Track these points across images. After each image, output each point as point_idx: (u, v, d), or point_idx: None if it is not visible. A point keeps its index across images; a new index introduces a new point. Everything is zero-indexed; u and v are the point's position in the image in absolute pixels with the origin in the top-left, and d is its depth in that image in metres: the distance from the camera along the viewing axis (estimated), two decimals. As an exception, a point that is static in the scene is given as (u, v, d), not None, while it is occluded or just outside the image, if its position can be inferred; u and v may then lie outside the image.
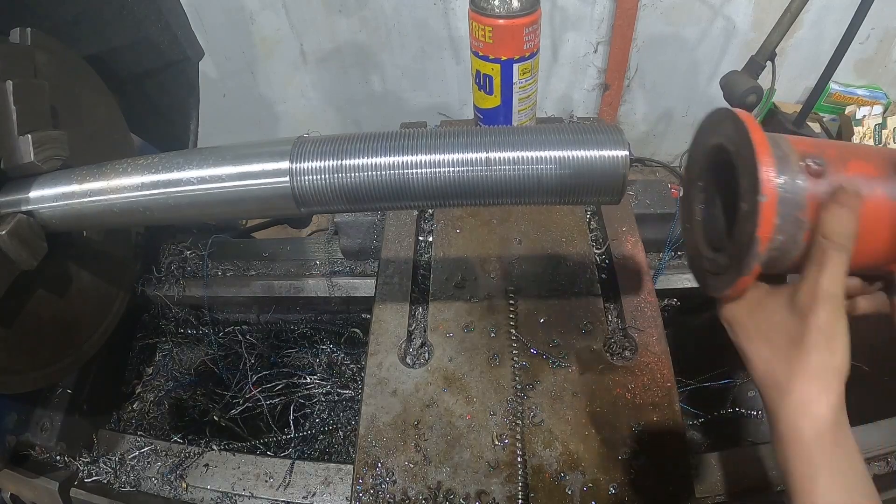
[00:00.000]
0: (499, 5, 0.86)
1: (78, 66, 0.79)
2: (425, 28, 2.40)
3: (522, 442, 0.70)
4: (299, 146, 0.54)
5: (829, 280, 0.48)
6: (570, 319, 0.81)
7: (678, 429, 0.71)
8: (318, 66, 2.56)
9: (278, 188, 0.54)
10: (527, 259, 0.89)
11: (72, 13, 0.81)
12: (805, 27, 2.37)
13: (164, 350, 1.08)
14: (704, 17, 2.37)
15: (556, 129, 0.53)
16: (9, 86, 0.61)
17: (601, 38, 2.46)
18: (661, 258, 1.02)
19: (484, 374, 0.76)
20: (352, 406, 1.01)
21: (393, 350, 0.80)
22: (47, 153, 0.63)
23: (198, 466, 0.82)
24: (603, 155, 0.51)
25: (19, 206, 0.60)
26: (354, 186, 0.53)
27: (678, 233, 0.97)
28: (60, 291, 0.73)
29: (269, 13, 2.36)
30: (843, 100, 2.54)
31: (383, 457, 0.70)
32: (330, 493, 0.77)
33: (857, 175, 0.51)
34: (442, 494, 0.67)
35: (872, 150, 0.55)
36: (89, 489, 0.81)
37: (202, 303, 1.03)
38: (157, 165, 0.56)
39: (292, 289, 1.01)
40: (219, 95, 2.59)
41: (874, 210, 0.51)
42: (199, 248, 1.06)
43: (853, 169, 0.52)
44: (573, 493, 0.67)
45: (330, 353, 1.06)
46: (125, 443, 0.87)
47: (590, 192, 0.53)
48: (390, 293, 0.87)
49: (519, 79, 0.93)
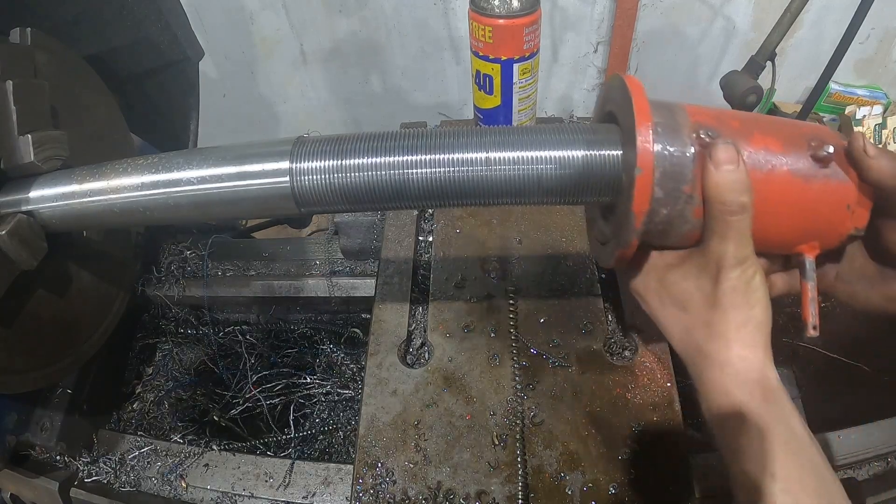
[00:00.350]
0: (499, 5, 0.86)
1: (78, 66, 0.78)
2: (425, 28, 2.40)
3: (522, 442, 0.70)
4: (299, 146, 0.54)
5: (735, 247, 0.46)
6: (570, 319, 0.81)
7: (678, 429, 0.71)
8: (318, 66, 2.56)
9: (278, 188, 0.54)
10: (527, 259, 0.89)
11: (72, 13, 0.81)
12: (805, 27, 2.37)
13: (164, 350, 1.08)
14: (704, 17, 2.37)
15: (556, 129, 0.53)
16: (9, 86, 0.61)
17: (601, 38, 2.46)
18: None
19: (484, 374, 0.76)
20: (352, 406, 1.01)
21: (393, 350, 0.80)
22: (47, 153, 0.63)
23: (198, 466, 0.82)
24: (602, 154, 0.51)
25: (19, 206, 0.60)
26: (354, 186, 0.53)
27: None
28: (60, 291, 0.73)
29: (269, 13, 2.36)
30: (843, 100, 2.54)
31: (383, 457, 0.70)
32: (330, 493, 0.77)
33: (759, 149, 0.48)
34: (442, 494, 0.67)
35: (781, 123, 0.52)
36: (89, 489, 0.81)
37: (202, 303, 1.03)
38: (157, 165, 0.56)
39: (292, 289, 1.01)
40: (219, 95, 2.59)
41: (777, 187, 0.48)
42: (199, 248, 1.06)
43: (756, 143, 0.48)
44: (573, 493, 0.67)
45: (330, 353, 1.06)
46: (125, 443, 0.87)
47: (589, 192, 0.53)
48: (390, 293, 0.87)
49: (519, 79, 0.93)
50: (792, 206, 0.49)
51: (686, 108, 0.50)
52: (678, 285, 0.51)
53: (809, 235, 0.51)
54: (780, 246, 0.53)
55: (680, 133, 0.47)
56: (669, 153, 0.47)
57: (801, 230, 0.51)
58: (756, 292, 0.47)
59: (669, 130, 0.47)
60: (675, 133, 0.47)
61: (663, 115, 0.48)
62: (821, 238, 0.51)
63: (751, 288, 0.47)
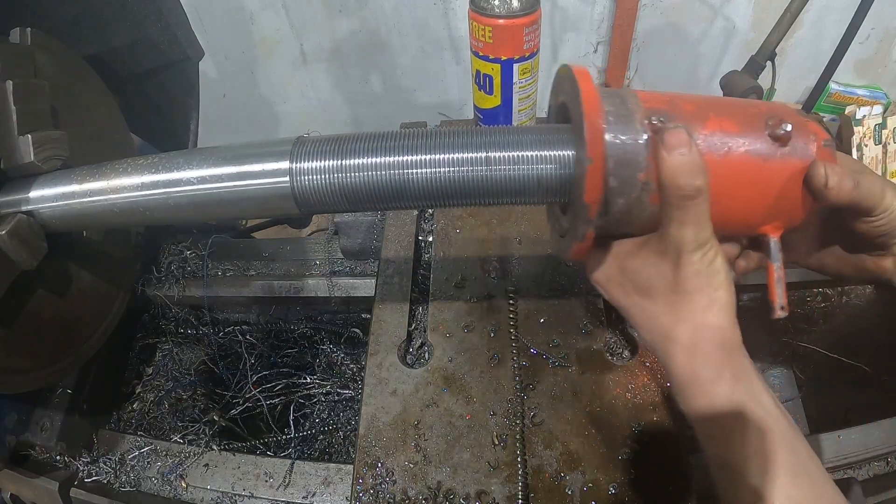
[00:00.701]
0: (499, 5, 0.86)
1: (78, 66, 0.78)
2: (425, 28, 2.40)
3: (522, 442, 0.70)
4: (299, 146, 0.54)
5: (693, 231, 0.46)
6: (570, 319, 0.81)
7: (678, 429, 0.71)
8: (318, 66, 2.56)
9: (278, 188, 0.54)
10: (527, 259, 0.89)
11: (72, 13, 0.81)
12: (805, 27, 2.37)
13: (164, 350, 1.08)
14: (704, 17, 2.37)
15: (555, 129, 0.53)
16: (9, 86, 0.61)
17: (601, 38, 2.45)
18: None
19: (484, 374, 0.76)
20: (352, 406, 1.01)
21: (393, 350, 0.80)
22: (47, 153, 0.63)
23: (198, 466, 0.82)
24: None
25: (19, 206, 0.60)
26: (354, 186, 0.53)
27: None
28: (60, 291, 0.73)
29: (269, 13, 2.36)
30: (843, 100, 2.54)
31: (383, 457, 0.70)
32: (330, 493, 0.77)
33: (715, 131, 0.47)
34: (442, 494, 0.67)
35: (738, 104, 0.51)
36: (89, 489, 0.81)
37: (202, 303, 1.03)
38: (157, 165, 0.56)
39: (292, 289, 1.01)
40: (219, 95, 2.59)
41: (734, 168, 0.47)
42: (199, 248, 1.06)
43: (711, 126, 0.48)
44: (573, 493, 0.67)
45: (330, 353, 1.06)
46: (125, 443, 0.87)
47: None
48: (390, 293, 0.87)
49: (519, 79, 0.93)
50: (751, 186, 0.48)
51: (639, 94, 0.49)
52: (640, 273, 0.50)
53: (772, 215, 0.50)
54: (743, 227, 0.52)
55: (632, 120, 0.46)
56: (621, 141, 0.46)
57: (763, 210, 0.50)
58: (718, 275, 0.47)
59: (620, 118, 0.46)
60: (627, 121, 0.46)
61: (614, 103, 0.47)
62: (784, 217, 0.51)
63: (713, 270, 0.47)
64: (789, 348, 1.00)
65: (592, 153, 0.44)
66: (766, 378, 0.98)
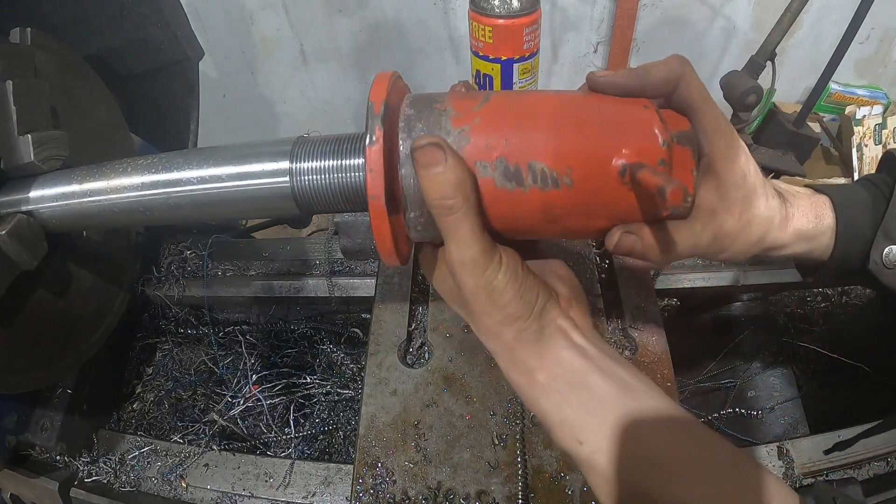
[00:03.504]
0: (499, 5, 0.86)
1: (78, 66, 0.78)
2: (425, 28, 2.40)
3: (522, 442, 0.70)
4: (299, 146, 0.54)
5: (455, 250, 0.42)
6: (570, 319, 0.81)
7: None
8: (318, 66, 2.56)
9: (278, 188, 0.54)
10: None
11: (72, 13, 0.81)
12: (805, 27, 2.38)
13: (164, 350, 1.08)
14: (704, 18, 2.37)
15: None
16: (9, 86, 0.61)
17: (601, 38, 2.46)
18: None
19: (484, 374, 0.76)
20: (352, 406, 1.01)
21: (393, 350, 0.80)
22: (47, 153, 0.63)
23: (198, 466, 0.82)
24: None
25: (19, 206, 0.60)
26: (354, 186, 0.53)
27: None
28: (60, 291, 0.73)
29: (269, 13, 2.36)
30: (843, 100, 2.54)
31: (383, 457, 0.70)
32: (330, 493, 0.77)
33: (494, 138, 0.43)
34: (442, 494, 0.67)
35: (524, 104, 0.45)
36: (89, 489, 0.81)
37: (202, 303, 1.03)
38: (157, 165, 0.56)
39: (292, 289, 1.01)
40: (219, 95, 2.59)
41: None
42: (199, 248, 1.06)
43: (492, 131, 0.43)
44: (573, 493, 0.67)
45: (330, 353, 1.06)
46: (125, 443, 0.87)
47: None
48: (390, 293, 0.87)
49: (519, 79, 0.93)
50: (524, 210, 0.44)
51: (454, 100, 0.45)
52: (445, 285, 0.49)
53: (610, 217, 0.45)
54: (570, 234, 0.48)
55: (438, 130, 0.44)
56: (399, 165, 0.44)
57: (587, 214, 0.45)
58: (502, 295, 0.43)
59: (426, 126, 0.44)
60: (434, 129, 0.44)
61: (413, 110, 0.45)
62: (615, 217, 0.45)
63: (494, 292, 0.43)
64: (789, 348, 1.00)
65: (371, 163, 0.43)
66: (766, 378, 0.98)
